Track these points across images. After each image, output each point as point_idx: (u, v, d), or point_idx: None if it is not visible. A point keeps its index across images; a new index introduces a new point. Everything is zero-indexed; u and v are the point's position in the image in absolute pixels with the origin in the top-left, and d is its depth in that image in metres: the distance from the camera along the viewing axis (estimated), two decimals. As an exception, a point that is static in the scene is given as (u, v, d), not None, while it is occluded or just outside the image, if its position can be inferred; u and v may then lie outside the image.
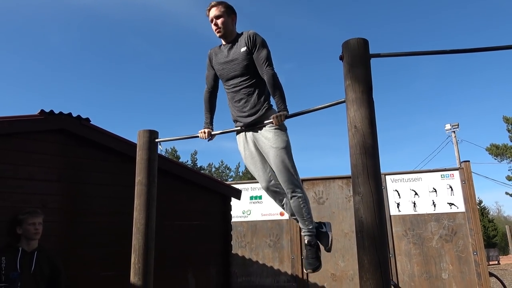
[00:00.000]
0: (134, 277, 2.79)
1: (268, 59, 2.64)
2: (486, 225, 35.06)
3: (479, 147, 39.92)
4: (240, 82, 2.69)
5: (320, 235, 2.79)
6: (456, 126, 22.67)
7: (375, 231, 1.94)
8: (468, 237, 6.02)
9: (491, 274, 6.75)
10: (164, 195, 3.69)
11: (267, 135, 2.63)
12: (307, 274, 6.54)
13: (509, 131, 28.37)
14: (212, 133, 2.84)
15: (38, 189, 3.36)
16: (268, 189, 2.78)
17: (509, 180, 28.11)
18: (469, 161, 6.25)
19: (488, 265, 19.13)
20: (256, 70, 2.66)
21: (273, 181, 2.75)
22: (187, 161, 42.22)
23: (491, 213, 41.07)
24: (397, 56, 2.31)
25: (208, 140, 2.83)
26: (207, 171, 42.05)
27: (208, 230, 4.56)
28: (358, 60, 2.13)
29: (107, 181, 3.81)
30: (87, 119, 3.67)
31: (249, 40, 2.64)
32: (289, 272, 6.70)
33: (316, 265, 2.78)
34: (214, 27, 2.69)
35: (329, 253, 6.58)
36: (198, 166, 42.11)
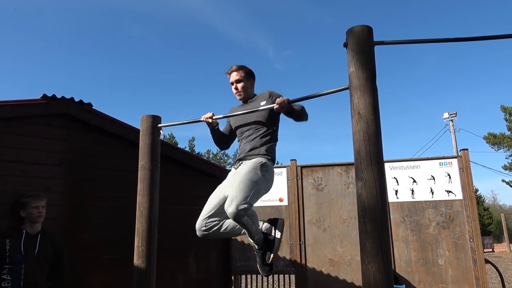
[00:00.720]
0: (137, 260, 2.84)
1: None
2: (482, 213, 35.42)
3: (477, 136, 40.10)
4: (251, 128, 2.76)
5: (267, 243, 2.75)
6: (454, 115, 22.72)
7: (377, 215, 1.98)
8: (465, 224, 6.10)
9: (486, 261, 6.86)
10: (165, 180, 3.71)
11: (245, 168, 2.61)
12: (305, 259, 6.63)
13: (506, 120, 28.44)
14: (214, 117, 2.87)
15: (41, 173, 3.38)
16: (199, 230, 2.74)
17: (506, 169, 28.30)
18: (467, 149, 6.28)
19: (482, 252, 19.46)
20: (268, 121, 2.73)
21: (203, 228, 2.72)
22: (185, 147, 42.26)
23: (487, 201, 41.50)
24: (401, 44, 2.31)
25: (213, 120, 2.87)
26: (205, 158, 42.11)
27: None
28: (362, 47, 2.15)
29: (109, 165, 3.83)
30: (89, 104, 3.67)
31: (270, 95, 2.74)
32: (288, 257, 6.79)
33: (269, 272, 2.87)
34: (234, 90, 2.80)
35: (327, 239, 6.67)
36: (196, 152, 42.16)
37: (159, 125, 3.05)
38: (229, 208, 2.37)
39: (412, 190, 6.43)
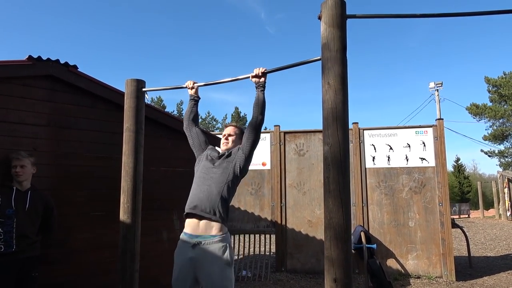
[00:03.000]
0: (123, 215, 3.05)
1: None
2: (462, 182, 36.62)
3: (461, 106, 40.68)
4: (213, 182, 2.67)
5: None
6: (440, 85, 23.01)
7: (340, 177, 2.18)
8: (436, 190, 6.48)
9: (456, 225, 7.33)
10: (149, 142, 3.87)
11: (215, 269, 2.51)
12: (285, 220, 6.99)
13: (489, 91, 28.95)
14: (196, 85, 3.01)
15: (28, 133, 3.49)
16: None
17: (485, 139, 29.13)
18: (442, 119, 6.57)
19: (458, 218, 20.36)
20: (230, 183, 2.68)
21: None
22: (173, 110, 42.12)
23: (467, 170, 42.80)
24: (373, 18, 2.44)
25: (194, 87, 3.01)
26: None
27: (192, 176, 4.80)
28: (335, 20, 2.27)
29: (95, 127, 3.96)
30: (75, 66, 3.74)
31: (238, 148, 2.80)
32: (269, 218, 7.14)
33: None
34: (224, 140, 2.92)
35: (307, 202, 6.99)
36: (184, 117, 41.89)
37: (143, 89, 3.18)
38: None
39: (389, 157, 6.74)
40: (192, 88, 3.02)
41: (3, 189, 3.13)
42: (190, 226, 2.64)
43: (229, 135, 2.92)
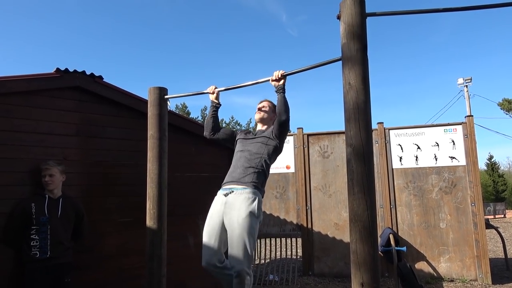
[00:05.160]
0: (149, 221, 3.10)
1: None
2: (496, 180, 35.29)
3: (492, 102, 39.19)
4: (252, 153, 2.94)
5: None
6: (469, 81, 22.27)
7: (364, 179, 2.14)
8: (467, 189, 6.25)
9: (490, 226, 7.04)
10: (174, 149, 3.93)
11: (240, 213, 2.68)
12: (311, 223, 6.92)
13: (524, 85, 27.72)
14: (217, 90, 3.04)
15: (58, 143, 3.61)
16: (208, 264, 2.78)
17: (520, 135, 27.91)
18: (472, 115, 6.34)
19: (493, 218, 19.58)
20: (266, 159, 2.92)
21: (216, 263, 2.76)
22: (198, 116, 42.59)
23: (502, 168, 41.16)
24: (393, 15, 2.39)
25: (215, 92, 3.11)
26: (217, 127, 42.16)
27: (217, 181, 4.82)
28: (354, 19, 2.23)
29: (120, 135, 4.05)
30: (100, 77, 3.85)
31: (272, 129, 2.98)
32: (295, 222, 7.08)
33: None
34: (257, 111, 3.15)
35: (333, 204, 6.88)
36: (208, 122, 42.22)
37: (165, 96, 3.23)
38: (237, 266, 2.61)
39: (416, 157, 6.56)
40: (213, 93, 3.05)
41: (36, 198, 3.25)
42: (226, 183, 2.93)
43: (263, 107, 3.17)
